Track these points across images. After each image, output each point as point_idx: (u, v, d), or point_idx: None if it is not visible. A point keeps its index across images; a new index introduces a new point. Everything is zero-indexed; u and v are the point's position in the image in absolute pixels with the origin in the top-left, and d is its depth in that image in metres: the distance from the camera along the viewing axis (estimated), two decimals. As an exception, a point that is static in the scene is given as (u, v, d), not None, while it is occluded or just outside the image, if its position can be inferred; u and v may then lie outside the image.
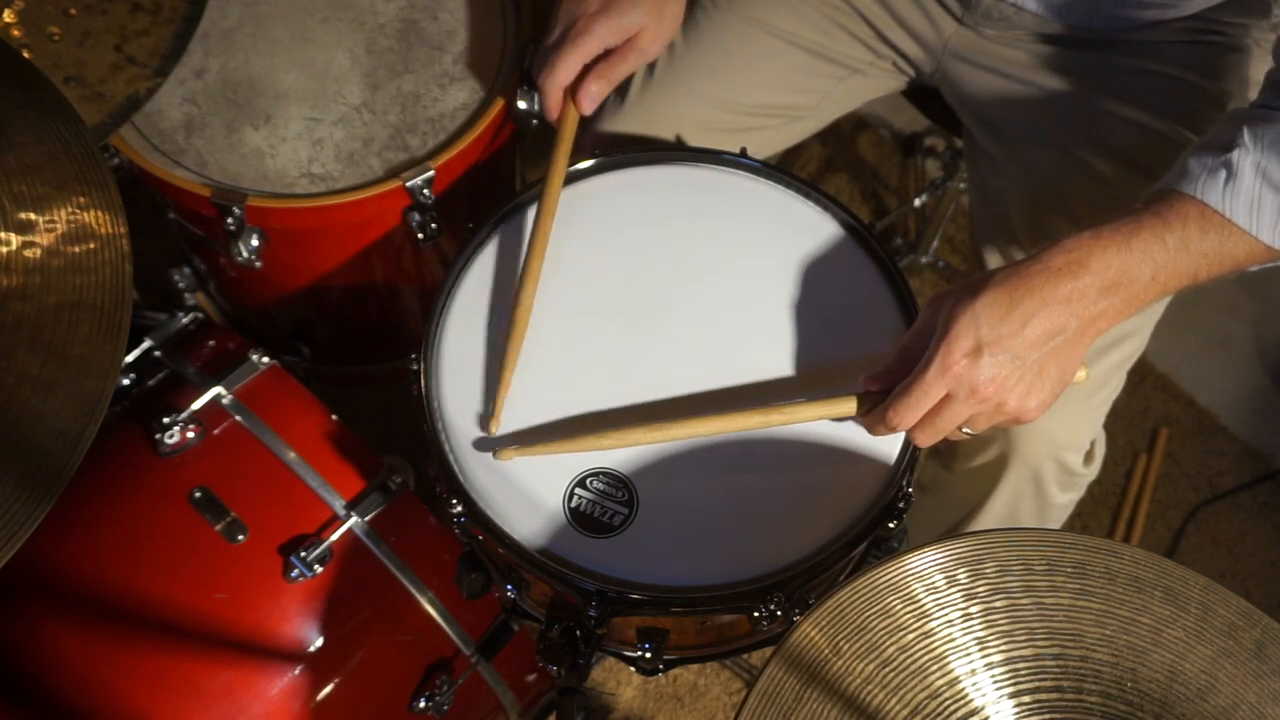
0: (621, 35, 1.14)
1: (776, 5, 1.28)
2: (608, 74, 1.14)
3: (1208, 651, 0.76)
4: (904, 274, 1.05)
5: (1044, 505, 1.32)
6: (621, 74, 1.16)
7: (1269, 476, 1.90)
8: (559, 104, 1.15)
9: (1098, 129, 1.19)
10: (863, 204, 2.09)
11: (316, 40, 1.30)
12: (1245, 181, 0.90)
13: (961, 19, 1.24)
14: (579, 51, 1.12)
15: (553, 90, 1.14)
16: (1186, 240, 0.91)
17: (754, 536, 0.94)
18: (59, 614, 1.10)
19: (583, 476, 0.95)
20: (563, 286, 1.04)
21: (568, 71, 1.13)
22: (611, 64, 1.14)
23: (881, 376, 0.95)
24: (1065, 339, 0.90)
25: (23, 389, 0.84)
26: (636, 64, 1.17)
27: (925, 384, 0.89)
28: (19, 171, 0.91)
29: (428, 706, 1.16)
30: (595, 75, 1.14)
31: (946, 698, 0.75)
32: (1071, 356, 0.92)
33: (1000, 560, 0.78)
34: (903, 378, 0.92)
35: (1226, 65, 1.18)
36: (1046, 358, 0.90)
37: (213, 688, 1.09)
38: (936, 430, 0.92)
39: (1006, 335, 0.88)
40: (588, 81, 1.13)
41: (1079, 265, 0.89)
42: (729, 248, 1.07)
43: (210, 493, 1.12)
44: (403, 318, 1.47)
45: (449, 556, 1.14)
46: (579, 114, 1.15)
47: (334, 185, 1.22)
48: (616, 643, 1.04)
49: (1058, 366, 0.91)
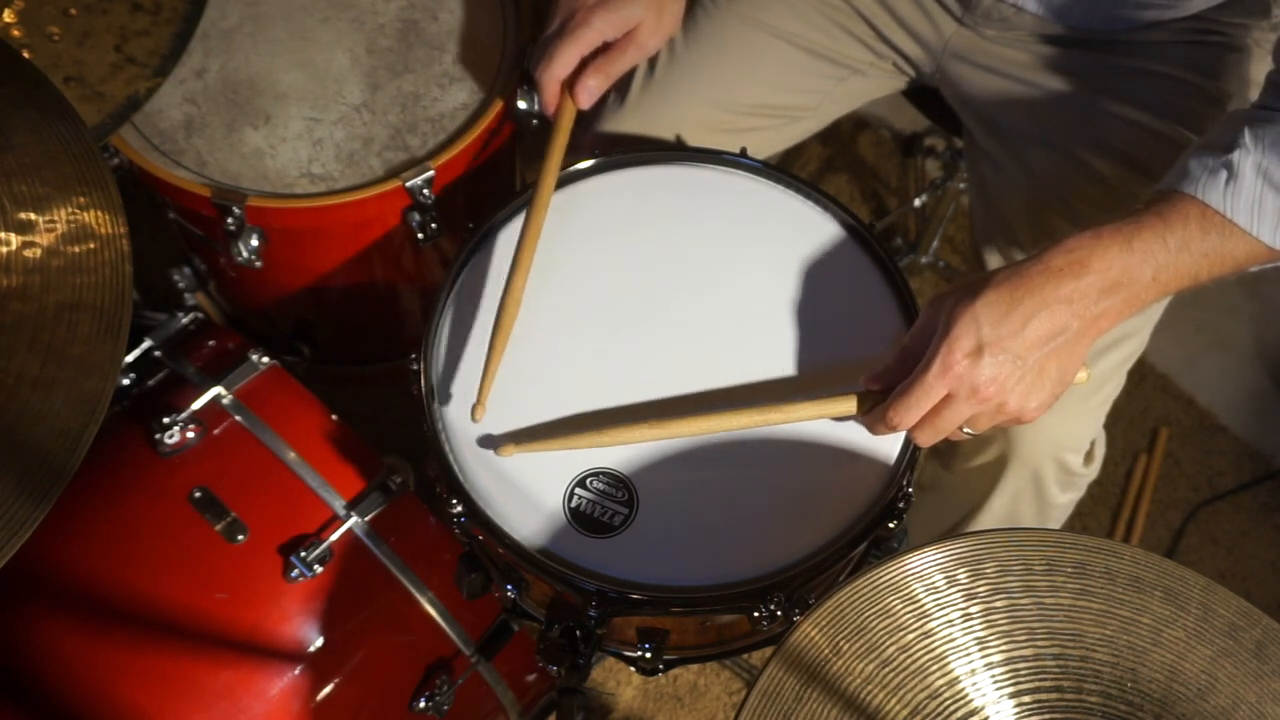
0: (620, 28, 1.13)
1: (777, 5, 1.28)
2: (606, 69, 1.14)
3: (1208, 651, 0.76)
4: (904, 274, 1.05)
5: (1044, 505, 1.32)
6: (620, 69, 1.15)
7: (1269, 476, 1.90)
8: (556, 97, 1.14)
9: (1098, 129, 1.19)
10: (863, 204, 2.09)
11: (316, 40, 1.30)
12: (1246, 182, 0.90)
13: (962, 19, 1.24)
14: (577, 44, 1.11)
15: (550, 83, 1.13)
16: (1188, 240, 0.91)
17: (754, 536, 0.94)
18: (59, 614, 1.10)
19: (583, 476, 0.95)
20: (562, 286, 1.04)
21: (565, 64, 1.12)
22: (610, 58, 1.14)
23: (882, 376, 0.95)
24: (1066, 339, 0.90)
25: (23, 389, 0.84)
26: (635, 59, 1.16)
27: (926, 384, 0.89)
28: (19, 171, 0.91)
29: (428, 706, 1.16)
30: (593, 70, 1.13)
31: (946, 698, 0.75)
32: (1072, 356, 0.92)
33: (1000, 560, 0.78)
34: (903, 377, 0.92)
35: (1226, 65, 1.18)
36: (1047, 358, 0.90)
37: (213, 687, 1.09)
38: (937, 430, 0.92)
39: (1007, 335, 0.88)
40: (585, 76, 1.13)
41: (1080, 265, 0.89)
42: (729, 248, 1.07)
43: (210, 493, 1.12)
44: (403, 318, 1.47)
45: (449, 556, 1.14)
46: (576, 108, 1.14)
47: (334, 185, 1.22)
48: (616, 643, 1.04)
49: (1059, 367, 0.91)
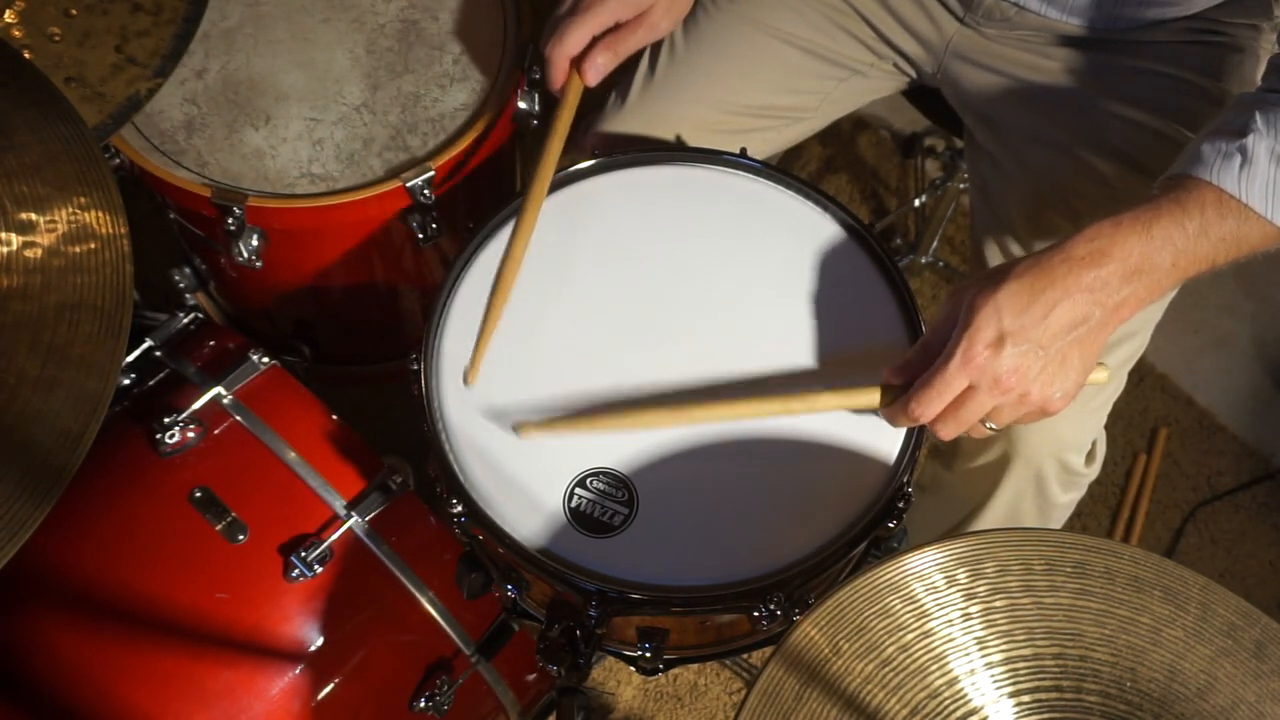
0: (634, 10, 1.12)
1: (777, 6, 1.28)
2: (615, 46, 1.13)
3: (1207, 651, 0.76)
4: (904, 274, 1.05)
5: (1046, 505, 1.32)
6: (630, 48, 1.15)
7: (1268, 476, 1.90)
8: (564, 74, 1.14)
9: (1099, 129, 1.19)
10: (863, 204, 2.09)
11: (317, 40, 1.30)
12: (1260, 166, 0.90)
13: (963, 19, 1.24)
14: (590, 23, 1.11)
15: (559, 60, 1.13)
16: (1206, 226, 0.90)
17: (754, 536, 0.94)
18: (59, 614, 1.10)
19: (583, 476, 0.95)
20: (565, 286, 1.04)
21: (576, 41, 1.12)
22: (620, 37, 1.13)
23: (903, 369, 0.94)
24: (1089, 328, 0.89)
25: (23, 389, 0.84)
26: (646, 40, 1.16)
27: (947, 375, 0.88)
28: (19, 172, 0.91)
29: (428, 706, 1.16)
30: (603, 47, 1.12)
31: (946, 697, 0.75)
32: (1094, 345, 0.91)
33: (1000, 560, 0.78)
34: (924, 369, 0.91)
35: (1228, 66, 1.18)
36: (1069, 347, 0.90)
37: (213, 687, 1.09)
38: (959, 422, 0.91)
39: (1029, 325, 0.87)
40: (594, 52, 1.12)
41: (1101, 254, 0.89)
42: (729, 248, 1.07)
43: (210, 493, 1.12)
44: (403, 318, 1.47)
45: (449, 556, 1.14)
46: (583, 85, 1.14)
47: (334, 185, 1.22)
48: (616, 642, 1.04)
49: (1081, 356, 0.90)
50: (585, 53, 1.13)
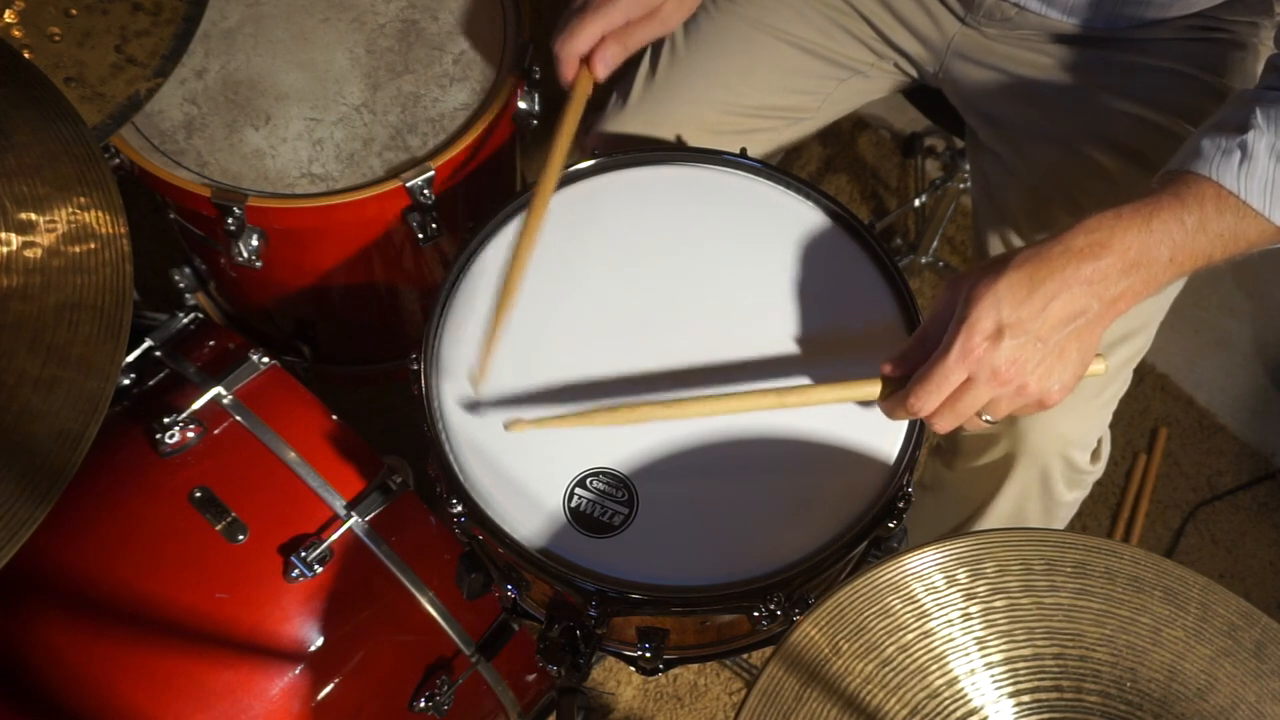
0: (646, 8, 1.13)
1: (778, 7, 1.28)
2: (624, 39, 1.13)
3: (1207, 651, 0.76)
4: (904, 274, 1.05)
5: (1051, 503, 1.32)
6: (639, 41, 1.15)
7: (1269, 476, 1.90)
8: (574, 69, 1.13)
9: (1101, 124, 1.19)
10: (863, 204, 2.09)
11: (317, 40, 1.30)
12: (1260, 163, 0.90)
13: (965, 19, 1.24)
14: (601, 20, 1.11)
15: (569, 56, 1.12)
16: (1204, 221, 0.91)
17: (754, 536, 0.94)
18: (59, 614, 1.10)
19: (583, 476, 0.95)
20: (565, 285, 1.04)
21: (587, 39, 1.12)
22: (630, 30, 1.13)
23: (900, 361, 0.94)
24: (1087, 320, 0.89)
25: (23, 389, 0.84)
26: (657, 33, 1.16)
27: (946, 367, 0.88)
28: (19, 172, 0.91)
29: (428, 706, 1.16)
30: (612, 39, 1.12)
31: (946, 697, 0.75)
32: (1092, 338, 0.91)
33: (1000, 560, 0.78)
34: (921, 362, 0.90)
35: (1230, 61, 1.18)
36: (1068, 339, 0.89)
37: (213, 687, 1.09)
38: (957, 415, 0.91)
39: (1028, 317, 0.87)
40: (604, 46, 1.12)
41: (1101, 246, 0.88)
42: (729, 248, 1.07)
43: (210, 493, 1.12)
44: (403, 318, 1.47)
45: (449, 556, 1.14)
46: (593, 78, 1.14)
47: (334, 185, 1.22)
48: (616, 642, 1.04)
49: (1079, 348, 0.90)
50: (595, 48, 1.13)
